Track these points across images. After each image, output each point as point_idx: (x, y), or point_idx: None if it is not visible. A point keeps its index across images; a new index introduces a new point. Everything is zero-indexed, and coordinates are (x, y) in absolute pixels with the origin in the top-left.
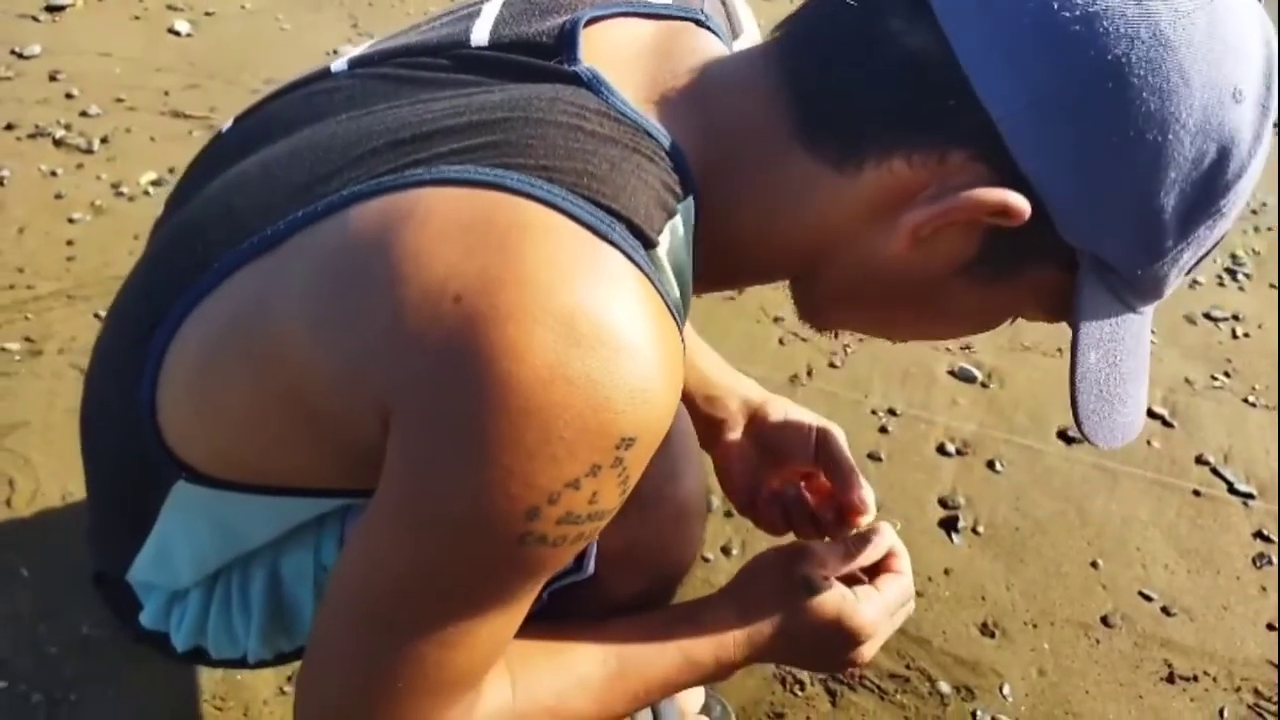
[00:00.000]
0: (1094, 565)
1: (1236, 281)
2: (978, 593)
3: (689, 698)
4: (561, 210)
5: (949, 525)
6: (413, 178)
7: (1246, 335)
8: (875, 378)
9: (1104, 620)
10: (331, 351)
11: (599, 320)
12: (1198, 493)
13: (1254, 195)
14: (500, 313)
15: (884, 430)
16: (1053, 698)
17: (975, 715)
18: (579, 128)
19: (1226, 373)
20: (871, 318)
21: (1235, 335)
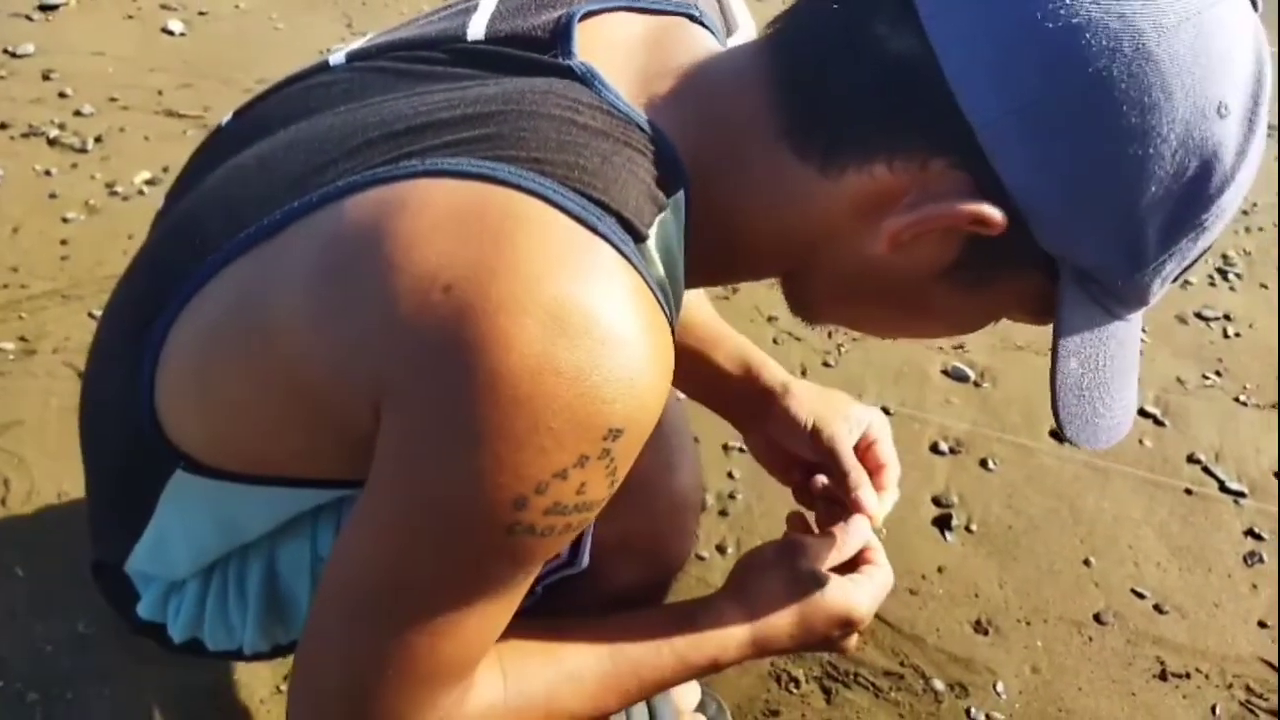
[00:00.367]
0: (1086, 563)
1: (1228, 281)
2: (971, 590)
3: (685, 695)
4: (552, 202)
5: (942, 523)
6: (407, 169)
7: (1238, 335)
8: (869, 377)
9: (1097, 618)
10: (326, 340)
11: (588, 312)
12: (1189, 491)
13: (1245, 196)
14: (490, 303)
15: None
16: (1046, 695)
17: (969, 712)
18: (571, 121)
19: (1218, 372)
20: (858, 315)
21: (1226, 335)
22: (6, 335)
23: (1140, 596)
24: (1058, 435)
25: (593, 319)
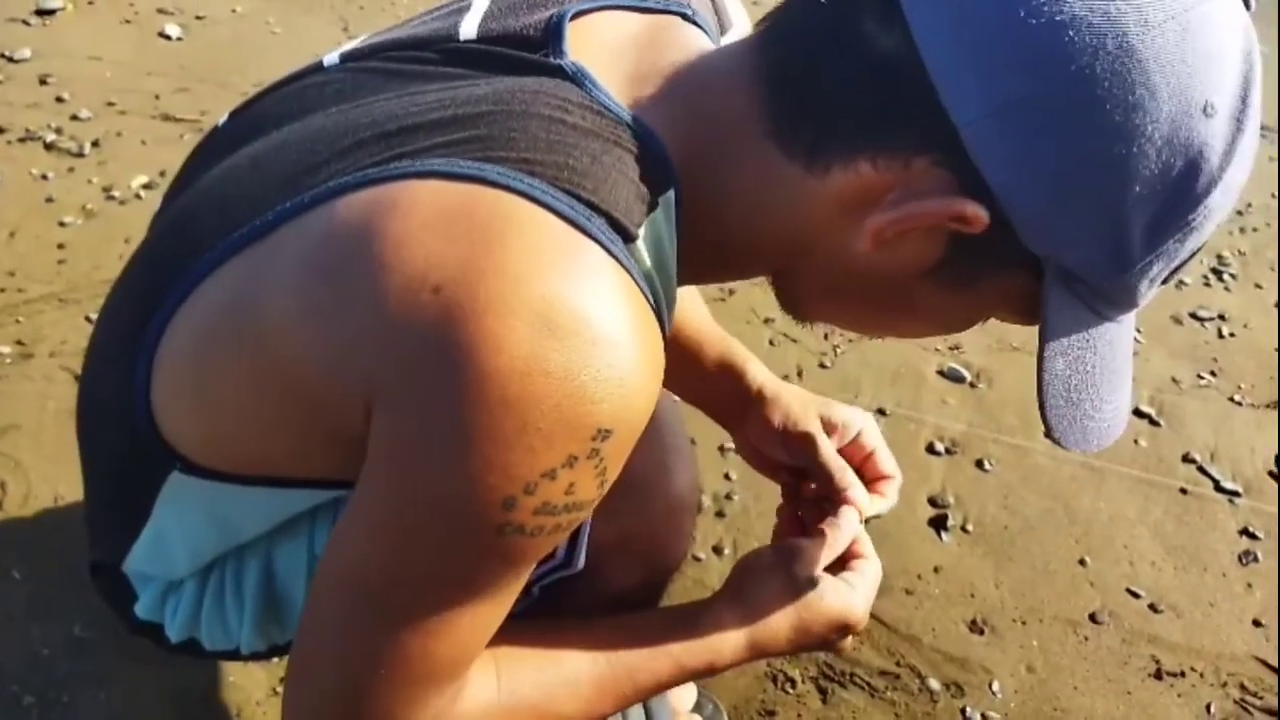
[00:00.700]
0: (1082, 563)
1: (1222, 282)
2: (967, 590)
3: (681, 696)
4: (541, 203)
5: (938, 524)
6: (397, 170)
7: (1232, 335)
8: (865, 378)
9: (1092, 617)
10: (318, 340)
11: (576, 312)
12: (1184, 491)
13: (1240, 196)
14: (479, 304)
15: None
16: (1041, 694)
17: (965, 712)
18: (561, 121)
19: (1213, 372)
20: (845, 313)
21: (1221, 335)
22: (3, 339)
23: (1135, 596)
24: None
25: (581, 319)
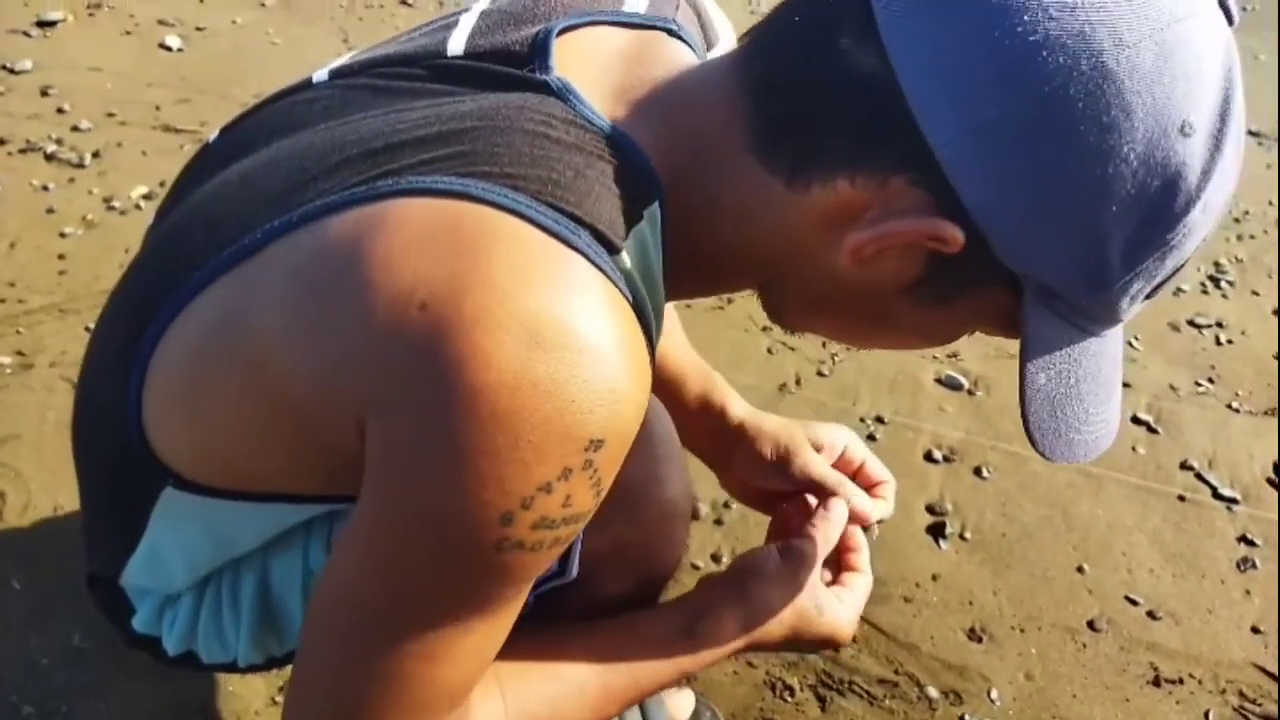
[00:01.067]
0: (1080, 570)
1: (1220, 289)
2: (965, 598)
3: (679, 704)
4: (525, 217)
5: (936, 531)
6: (384, 188)
7: (1230, 342)
8: (863, 386)
9: (1090, 625)
10: (308, 359)
11: (563, 325)
12: (1182, 498)
13: (1236, 203)
14: (465, 319)
15: (872, 438)
16: (1040, 702)
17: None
18: (545, 135)
19: (1210, 379)
20: (829, 326)
21: (1219, 342)
22: (4, 350)
23: (1134, 603)
24: None
25: (569, 332)
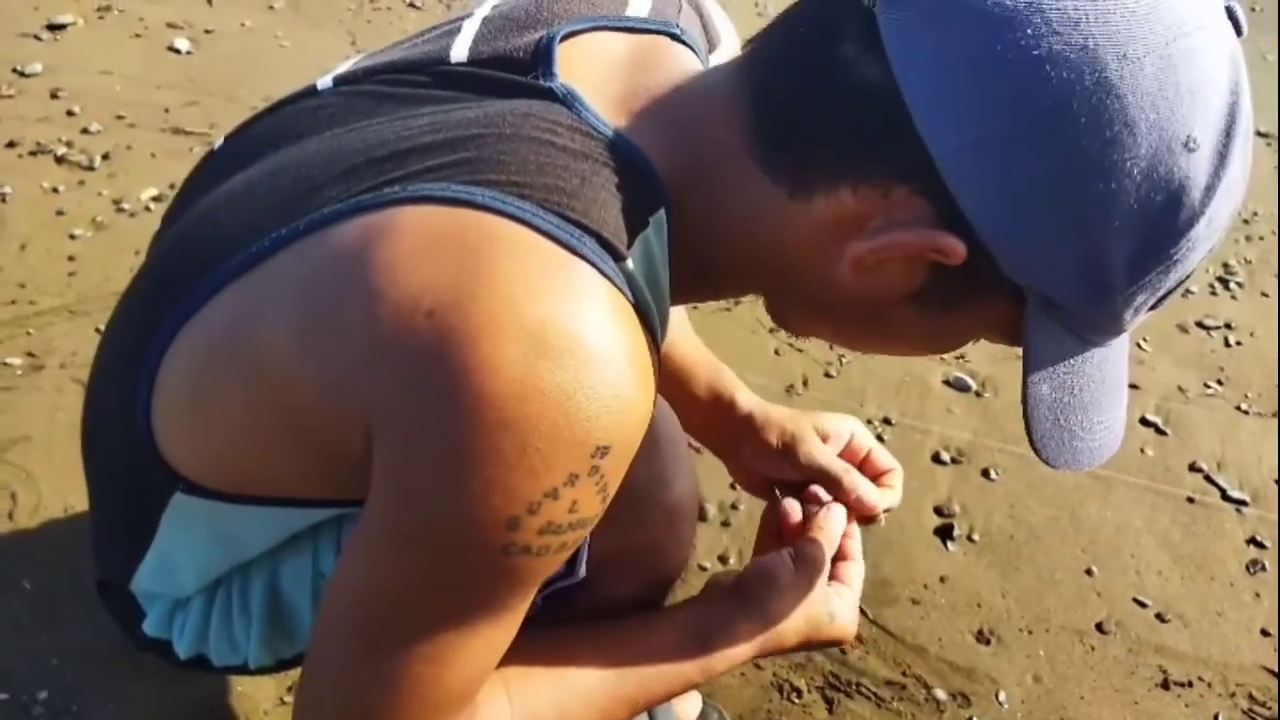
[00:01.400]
0: (1088, 572)
1: (1229, 290)
2: (973, 600)
3: (686, 706)
4: (530, 225)
5: (944, 533)
6: (389, 196)
7: (1239, 343)
8: (870, 388)
9: (1099, 627)
10: (315, 366)
11: (569, 332)
12: (1191, 500)
13: (1246, 205)
14: (472, 327)
15: (879, 439)
16: (1048, 704)
17: None
18: (550, 143)
19: (1219, 380)
20: (832, 331)
21: (1228, 344)
22: (14, 351)
23: (1142, 605)
24: None
25: (574, 339)
